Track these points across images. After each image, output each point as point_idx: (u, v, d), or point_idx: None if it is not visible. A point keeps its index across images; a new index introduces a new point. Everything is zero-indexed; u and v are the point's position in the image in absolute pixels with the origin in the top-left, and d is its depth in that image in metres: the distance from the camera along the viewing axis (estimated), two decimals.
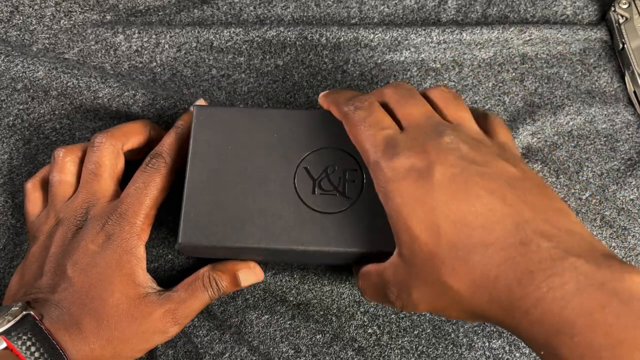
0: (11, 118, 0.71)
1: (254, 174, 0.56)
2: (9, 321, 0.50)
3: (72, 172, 0.61)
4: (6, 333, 0.49)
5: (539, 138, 0.71)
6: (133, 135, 0.62)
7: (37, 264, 0.57)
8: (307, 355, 0.63)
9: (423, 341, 0.63)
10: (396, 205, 0.46)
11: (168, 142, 0.59)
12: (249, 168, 0.56)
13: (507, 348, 0.63)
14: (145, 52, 0.75)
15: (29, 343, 0.49)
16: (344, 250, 0.54)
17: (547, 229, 0.43)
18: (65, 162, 0.61)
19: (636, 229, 0.67)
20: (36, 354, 0.49)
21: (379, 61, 0.75)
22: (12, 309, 0.51)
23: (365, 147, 0.50)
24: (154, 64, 0.75)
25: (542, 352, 0.41)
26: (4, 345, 0.49)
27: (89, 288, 0.53)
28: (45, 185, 0.62)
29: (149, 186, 0.57)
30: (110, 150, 0.60)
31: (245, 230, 0.54)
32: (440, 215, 0.44)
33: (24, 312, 0.51)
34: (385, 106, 0.54)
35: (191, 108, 0.59)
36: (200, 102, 0.64)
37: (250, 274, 0.60)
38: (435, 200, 0.45)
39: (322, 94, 0.59)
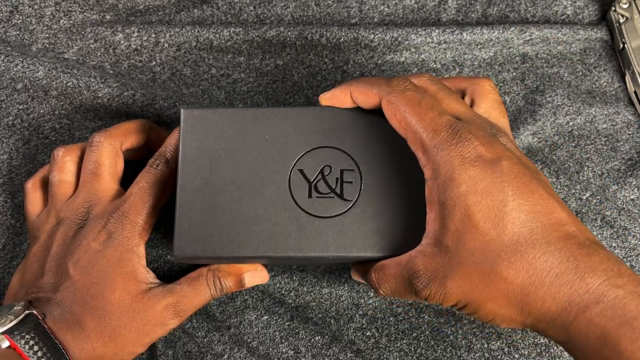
0: (11, 118, 0.71)
1: (247, 179, 0.54)
2: (11, 320, 0.50)
3: (71, 171, 0.61)
4: (9, 332, 0.49)
5: (540, 138, 0.71)
6: (132, 135, 0.62)
7: (38, 263, 0.58)
8: (306, 356, 0.63)
9: (422, 344, 0.63)
10: (461, 192, 0.46)
11: (172, 142, 0.59)
12: (242, 173, 0.55)
13: (505, 350, 0.63)
14: (145, 51, 0.75)
15: (32, 342, 0.49)
16: (344, 256, 0.53)
17: (592, 237, 0.46)
18: (65, 161, 0.61)
19: (636, 229, 0.66)
20: (39, 353, 0.49)
21: (379, 61, 0.75)
22: (15, 308, 0.51)
23: (421, 130, 0.48)
24: (154, 63, 0.75)
25: (591, 351, 0.43)
26: (7, 344, 0.49)
27: (90, 286, 0.53)
28: (45, 185, 0.63)
29: (153, 186, 0.57)
30: (109, 150, 0.60)
31: (242, 239, 0.53)
32: (508, 207, 0.45)
33: (27, 312, 0.51)
34: None
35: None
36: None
37: (256, 277, 0.60)
38: (504, 193, 0.45)
39: (327, 92, 0.55)
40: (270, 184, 0.54)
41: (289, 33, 0.74)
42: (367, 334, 0.63)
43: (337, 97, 0.54)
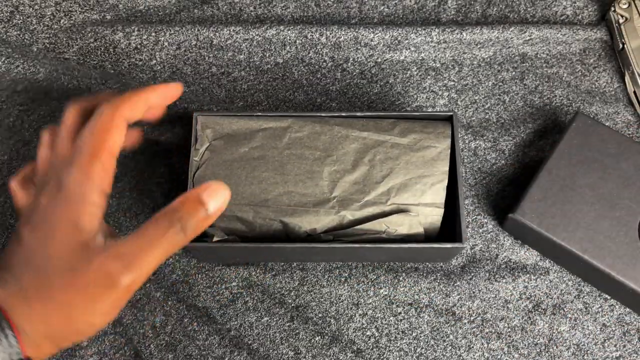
0: (11, 119, 0.71)
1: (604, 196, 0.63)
2: None
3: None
4: None
5: (540, 137, 0.71)
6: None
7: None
8: (307, 356, 0.63)
9: (422, 343, 0.63)
10: None
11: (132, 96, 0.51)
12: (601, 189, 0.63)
13: (505, 349, 0.63)
14: (145, 49, 0.75)
15: None
16: None
17: None
18: (50, 139, 0.53)
19: None
20: None
21: (379, 60, 0.75)
22: None
23: None
24: (154, 61, 0.75)
25: None
26: None
27: (35, 245, 0.46)
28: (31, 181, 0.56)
29: (105, 131, 0.49)
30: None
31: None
32: None
33: None
34: None
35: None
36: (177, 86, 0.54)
37: (219, 197, 0.48)
38: None
39: None
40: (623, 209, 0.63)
41: (289, 32, 0.74)
42: (367, 333, 0.64)
43: None
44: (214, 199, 0.47)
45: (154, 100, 0.52)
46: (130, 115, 0.50)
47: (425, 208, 0.58)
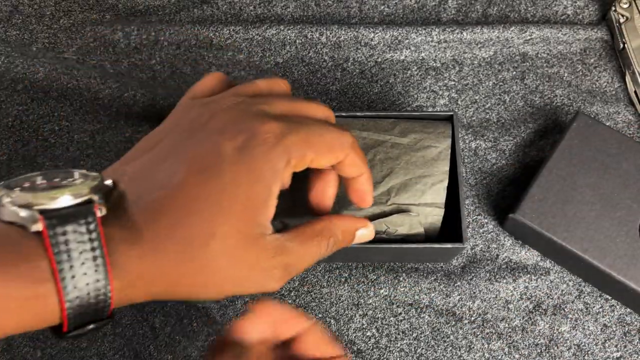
0: (10, 119, 0.71)
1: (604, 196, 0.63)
2: (66, 199, 0.36)
3: None
4: (50, 218, 0.34)
5: (540, 137, 0.71)
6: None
7: (156, 136, 0.44)
8: None
9: (422, 344, 0.63)
10: None
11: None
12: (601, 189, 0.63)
13: (506, 350, 0.63)
14: (145, 49, 0.75)
15: (74, 244, 0.35)
16: None
17: None
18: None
19: None
20: (74, 262, 0.34)
21: (379, 60, 0.75)
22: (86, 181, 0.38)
23: None
24: (154, 61, 0.75)
25: None
26: (39, 228, 0.34)
27: (195, 202, 0.39)
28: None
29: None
30: None
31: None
32: None
33: (88, 197, 0.37)
34: None
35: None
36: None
37: (365, 234, 0.49)
38: None
39: None
40: (623, 208, 0.63)
41: (289, 31, 0.74)
42: (367, 334, 0.64)
43: None
44: (363, 236, 0.49)
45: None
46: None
47: (425, 208, 0.58)
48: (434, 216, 0.58)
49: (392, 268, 0.66)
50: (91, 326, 0.37)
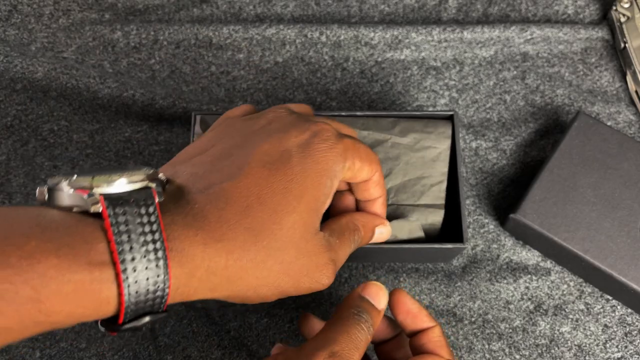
0: (9, 119, 0.71)
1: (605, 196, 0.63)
2: (125, 182, 0.35)
3: None
4: (110, 200, 0.34)
5: (541, 137, 0.70)
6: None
7: (214, 134, 0.46)
8: None
9: None
10: None
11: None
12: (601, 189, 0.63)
13: (506, 350, 0.63)
14: (144, 49, 0.75)
15: (133, 226, 0.34)
16: None
17: None
18: None
19: None
20: (133, 245, 0.33)
21: (379, 59, 0.75)
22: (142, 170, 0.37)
23: None
24: (153, 60, 0.74)
25: None
26: (99, 208, 0.33)
27: (264, 190, 0.40)
28: None
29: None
30: None
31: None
32: None
33: (145, 184, 0.36)
34: None
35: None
36: None
37: (384, 232, 0.51)
38: None
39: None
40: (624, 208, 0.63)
41: (289, 31, 0.74)
42: None
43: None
44: (381, 236, 0.51)
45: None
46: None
47: (425, 209, 0.58)
48: (434, 217, 0.58)
49: (393, 268, 0.65)
50: (147, 318, 0.36)
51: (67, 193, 0.34)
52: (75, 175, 0.35)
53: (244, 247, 0.38)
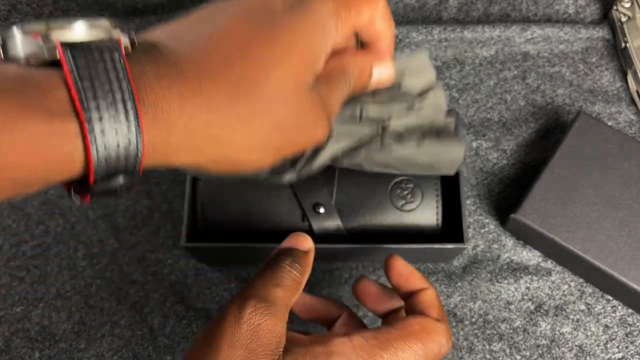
0: None
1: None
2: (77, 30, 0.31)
3: None
4: (69, 45, 0.30)
5: (542, 137, 0.70)
6: None
7: None
8: None
9: None
10: None
11: None
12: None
13: (507, 351, 0.62)
14: None
15: (95, 71, 0.30)
16: None
17: None
18: None
19: None
20: (98, 91, 0.30)
21: None
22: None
23: None
24: None
25: None
26: (57, 55, 0.30)
27: (247, 42, 0.36)
28: None
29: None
30: None
31: None
32: None
33: (108, 33, 0.32)
34: None
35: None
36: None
37: (385, 71, 0.45)
38: None
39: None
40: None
41: None
42: None
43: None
44: (382, 74, 0.45)
45: None
46: None
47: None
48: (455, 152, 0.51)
49: None
50: (120, 178, 0.32)
51: (19, 39, 0.31)
52: (29, 23, 0.31)
53: (227, 102, 0.35)
